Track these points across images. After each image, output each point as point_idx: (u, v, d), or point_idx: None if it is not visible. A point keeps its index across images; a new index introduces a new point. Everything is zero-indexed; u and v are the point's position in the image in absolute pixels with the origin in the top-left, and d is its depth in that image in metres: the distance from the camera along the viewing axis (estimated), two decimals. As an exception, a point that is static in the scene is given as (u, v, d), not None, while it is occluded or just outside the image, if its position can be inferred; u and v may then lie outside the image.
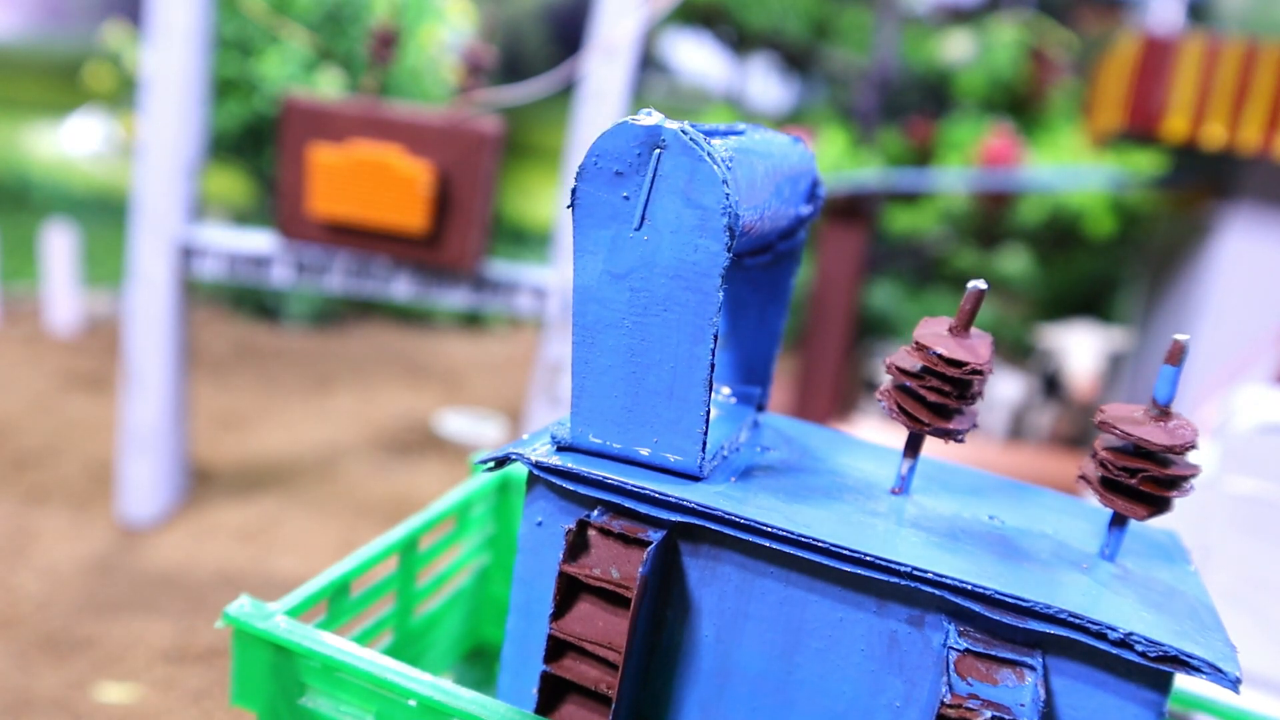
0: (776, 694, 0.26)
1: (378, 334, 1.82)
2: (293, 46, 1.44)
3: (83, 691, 0.63)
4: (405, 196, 0.80)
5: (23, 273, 1.75)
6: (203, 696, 0.65)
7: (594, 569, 0.25)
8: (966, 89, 1.93)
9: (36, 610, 0.72)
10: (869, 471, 0.30)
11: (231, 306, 1.82)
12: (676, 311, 0.25)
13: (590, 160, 0.25)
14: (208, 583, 0.80)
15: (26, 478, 0.95)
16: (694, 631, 0.27)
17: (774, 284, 0.33)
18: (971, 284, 0.26)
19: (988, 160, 1.61)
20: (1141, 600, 0.25)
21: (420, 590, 0.36)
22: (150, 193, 0.84)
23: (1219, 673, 0.22)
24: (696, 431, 0.26)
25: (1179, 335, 0.25)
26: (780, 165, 0.29)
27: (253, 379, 1.41)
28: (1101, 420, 0.26)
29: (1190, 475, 0.26)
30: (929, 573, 0.24)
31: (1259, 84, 1.02)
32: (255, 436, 1.17)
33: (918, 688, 0.25)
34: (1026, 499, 0.31)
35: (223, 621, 0.26)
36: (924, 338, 0.27)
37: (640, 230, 0.25)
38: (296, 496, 1.00)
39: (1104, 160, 1.58)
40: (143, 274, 0.85)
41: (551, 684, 0.26)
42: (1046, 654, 0.24)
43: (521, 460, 0.27)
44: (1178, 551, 0.30)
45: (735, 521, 0.25)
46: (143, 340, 0.87)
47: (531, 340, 1.92)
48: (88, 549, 0.83)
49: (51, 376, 1.27)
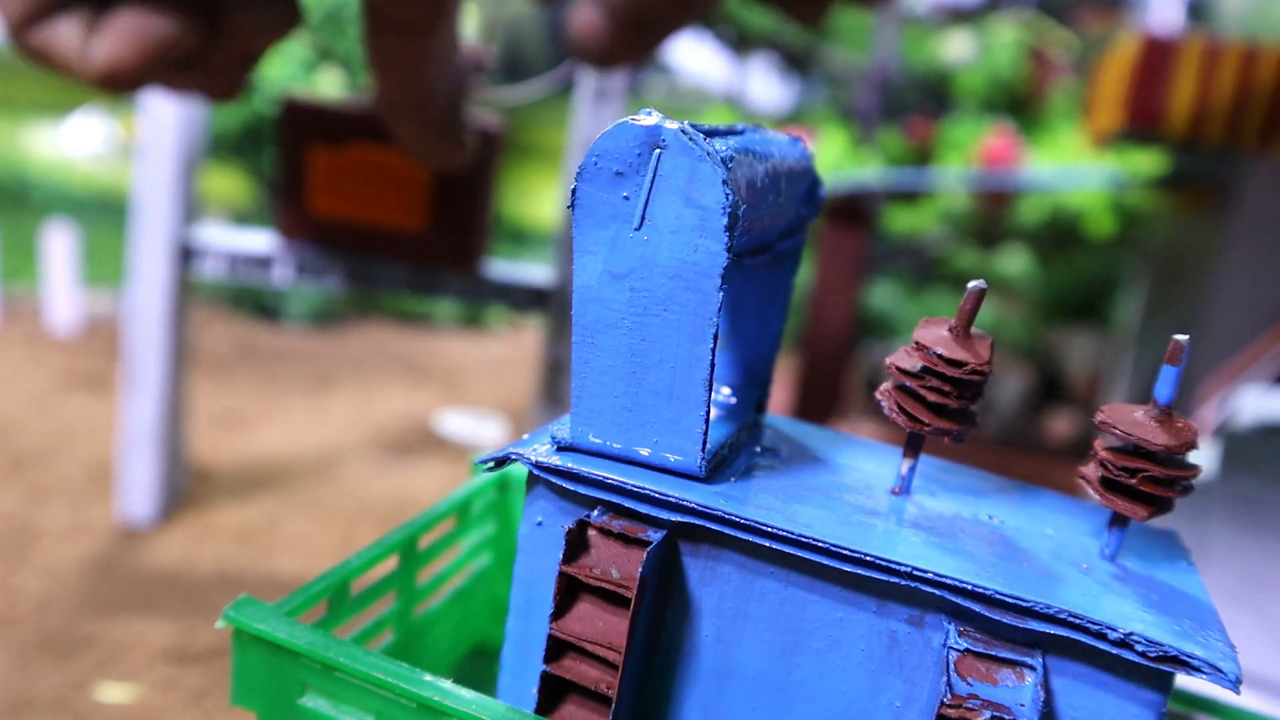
0: (776, 694, 0.26)
1: (378, 334, 1.82)
2: (293, 46, 1.44)
3: (83, 691, 0.63)
4: (405, 196, 0.80)
5: (23, 273, 1.76)
6: (203, 696, 0.65)
7: (594, 569, 0.25)
8: (966, 89, 1.93)
9: (36, 610, 0.72)
10: (869, 471, 0.30)
11: (231, 306, 1.82)
12: (676, 311, 0.25)
13: (590, 160, 0.25)
14: (208, 583, 0.80)
15: (26, 478, 0.95)
16: (694, 631, 0.27)
17: (774, 284, 0.33)
18: (971, 284, 0.26)
19: (988, 160, 1.61)
20: (1141, 600, 0.25)
21: (420, 590, 0.36)
22: (150, 193, 0.84)
23: (1219, 673, 0.22)
24: (696, 431, 0.26)
25: (1179, 335, 0.25)
26: (780, 165, 0.29)
27: (253, 379, 1.41)
28: (1101, 420, 0.26)
29: (1190, 475, 0.26)
30: (929, 573, 0.24)
31: (1259, 84, 1.02)
32: (255, 436, 1.17)
33: (918, 688, 0.25)
34: (1026, 499, 0.31)
35: (223, 621, 0.26)
36: (924, 338, 0.27)
37: (640, 230, 0.25)
38: (296, 496, 1.00)
39: (1104, 160, 1.58)
40: (143, 274, 0.85)
41: (551, 684, 0.26)
42: (1046, 654, 0.24)
43: (521, 460, 0.26)
44: (1178, 551, 0.29)
45: (735, 521, 0.25)
46: (143, 340, 0.87)
47: (531, 340, 1.92)
48: (88, 549, 0.83)
49: (51, 376, 1.27)
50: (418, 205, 0.79)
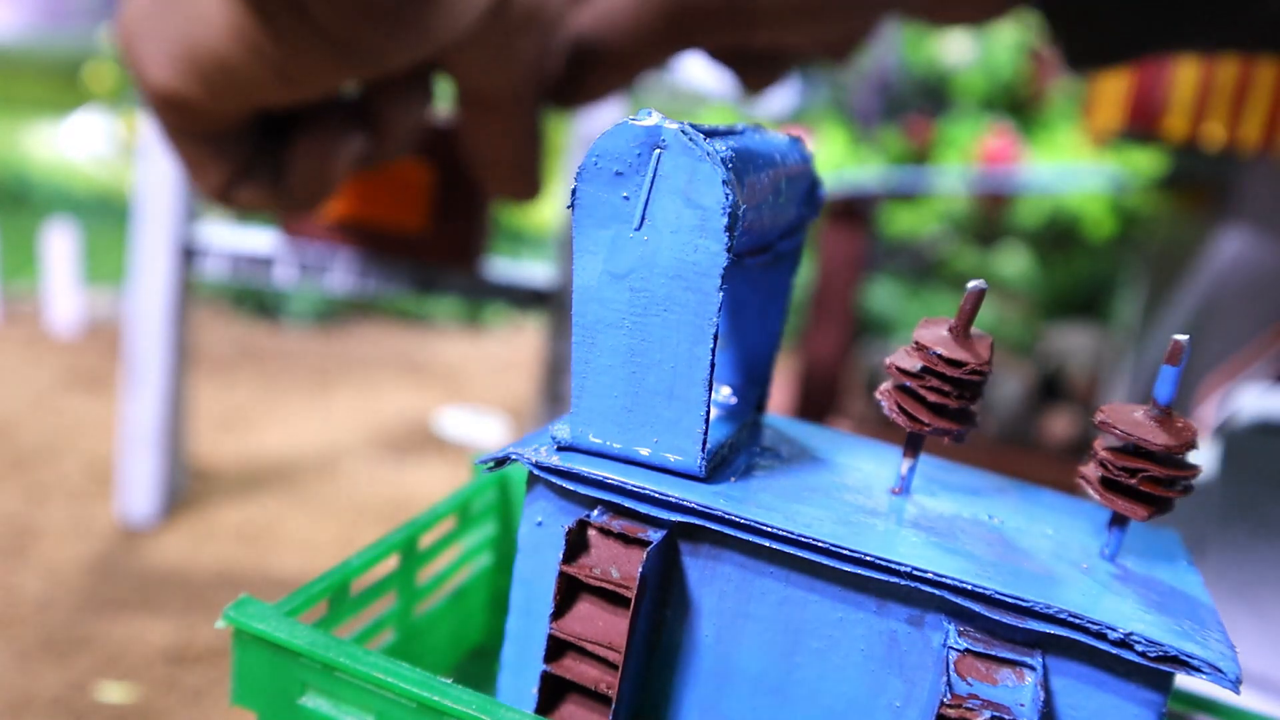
0: (776, 694, 0.26)
1: (378, 334, 1.82)
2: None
3: (83, 691, 0.64)
4: (406, 195, 0.80)
5: (23, 273, 1.76)
6: (203, 696, 0.65)
7: (594, 569, 0.25)
8: (966, 89, 1.93)
9: (36, 610, 0.72)
10: (869, 471, 0.30)
11: (232, 306, 1.82)
12: (676, 311, 0.25)
13: (590, 160, 0.25)
14: (208, 583, 0.80)
15: (27, 477, 0.95)
16: (694, 631, 0.27)
17: (774, 284, 0.33)
18: (971, 284, 0.26)
19: (987, 160, 1.61)
20: (1141, 600, 0.25)
21: (420, 589, 0.36)
22: (151, 192, 0.84)
23: (1219, 673, 0.22)
24: (696, 431, 0.26)
25: (1179, 335, 0.25)
26: (780, 165, 0.29)
27: (253, 379, 1.41)
28: (1101, 420, 0.26)
29: (1190, 475, 0.26)
30: (929, 573, 0.24)
31: (1259, 84, 1.02)
32: (255, 436, 1.17)
33: (917, 688, 0.25)
34: (1026, 499, 0.31)
35: (223, 621, 0.26)
36: (924, 338, 0.27)
37: (640, 230, 0.25)
38: (296, 496, 1.00)
39: (1104, 160, 1.58)
40: (144, 274, 0.85)
41: (551, 684, 0.26)
42: (1046, 654, 0.24)
43: (521, 460, 0.27)
44: (1178, 551, 0.30)
45: (735, 521, 0.25)
46: (143, 340, 0.87)
47: (531, 340, 1.92)
48: (88, 549, 0.83)
49: (52, 376, 1.28)
50: (419, 204, 0.79)
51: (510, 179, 0.48)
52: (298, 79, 0.36)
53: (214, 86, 0.37)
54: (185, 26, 0.36)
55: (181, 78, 0.37)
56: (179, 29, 0.36)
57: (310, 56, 0.35)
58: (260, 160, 0.43)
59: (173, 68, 0.36)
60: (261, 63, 0.35)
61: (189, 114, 0.39)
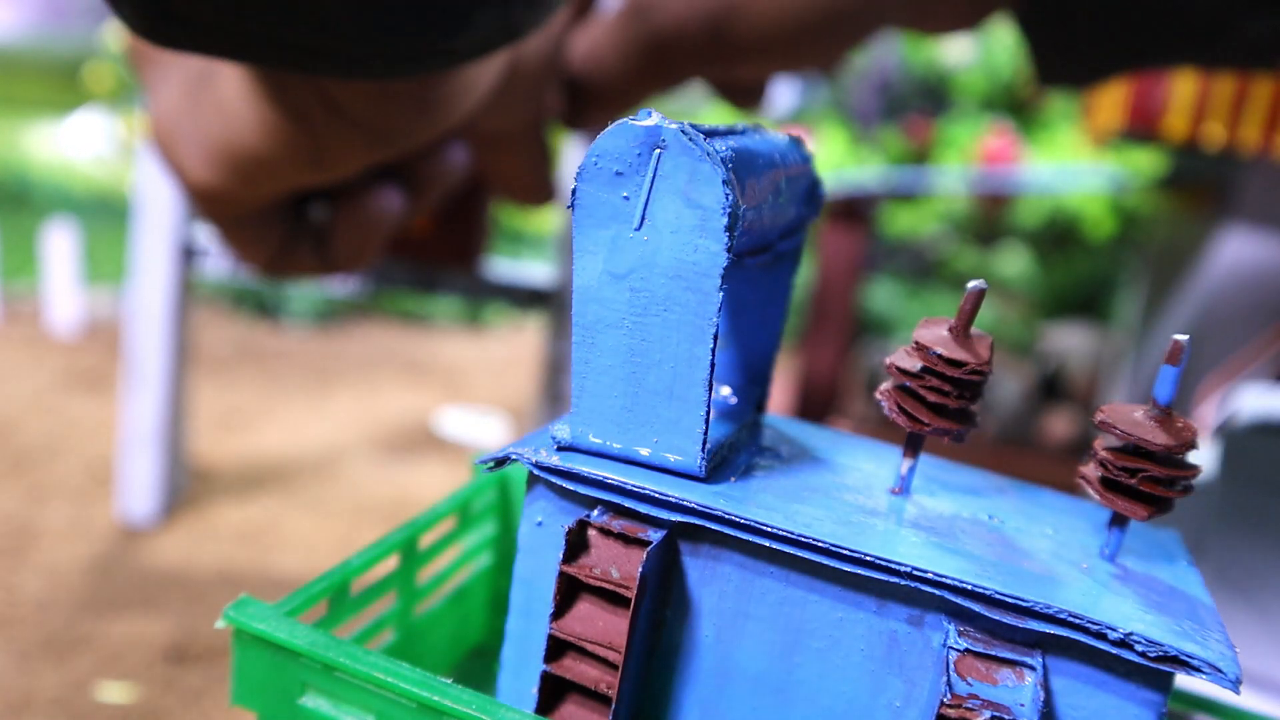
0: (776, 694, 0.26)
1: (378, 334, 1.82)
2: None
3: (83, 691, 0.64)
4: (405, 196, 0.80)
5: (23, 273, 1.76)
6: (203, 696, 0.65)
7: (594, 569, 0.25)
8: (966, 89, 1.93)
9: (36, 610, 0.72)
10: (869, 471, 0.30)
11: (232, 306, 1.82)
12: (676, 311, 0.25)
13: (590, 160, 0.25)
14: (208, 583, 0.80)
15: (26, 477, 0.95)
16: (694, 631, 0.27)
17: (774, 284, 0.33)
18: (971, 284, 0.26)
19: (987, 160, 1.61)
20: (1141, 600, 0.25)
21: (421, 589, 0.36)
22: (152, 192, 0.84)
23: (1219, 673, 0.22)
24: (696, 431, 0.26)
25: (1179, 335, 0.25)
26: (780, 165, 0.29)
27: (253, 379, 1.41)
28: (1101, 420, 0.26)
29: (1190, 475, 0.26)
30: (929, 573, 0.24)
31: (1259, 84, 1.02)
32: (256, 436, 1.17)
33: (917, 688, 0.25)
34: (1026, 499, 0.31)
35: (223, 621, 0.26)
36: (924, 338, 0.27)
37: (640, 230, 0.25)
38: (296, 496, 1.00)
39: (1104, 160, 1.58)
40: (144, 273, 0.85)
41: (551, 684, 0.26)
42: (1046, 654, 0.24)
43: (521, 460, 0.27)
44: (1178, 551, 0.30)
45: (735, 521, 0.25)
46: (144, 340, 0.87)
47: (531, 340, 1.92)
48: (88, 548, 0.83)
49: (52, 376, 1.28)
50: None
51: (523, 190, 0.49)
52: (331, 164, 0.37)
53: (250, 178, 0.37)
54: (218, 124, 0.36)
55: (218, 173, 0.38)
56: (211, 127, 0.37)
57: (342, 143, 0.35)
58: (302, 231, 0.45)
59: (209, 164, 0.37)
60: (295, 153, 0.36)
61: (229, 204, 0.40)
